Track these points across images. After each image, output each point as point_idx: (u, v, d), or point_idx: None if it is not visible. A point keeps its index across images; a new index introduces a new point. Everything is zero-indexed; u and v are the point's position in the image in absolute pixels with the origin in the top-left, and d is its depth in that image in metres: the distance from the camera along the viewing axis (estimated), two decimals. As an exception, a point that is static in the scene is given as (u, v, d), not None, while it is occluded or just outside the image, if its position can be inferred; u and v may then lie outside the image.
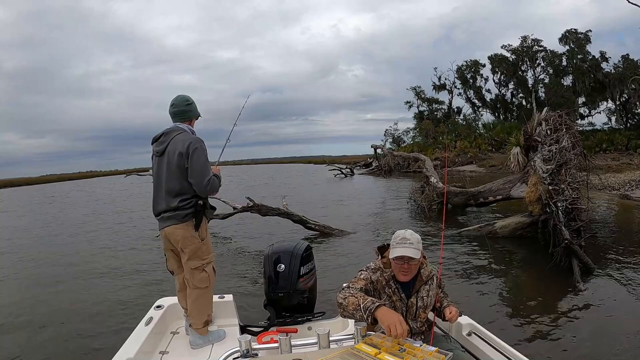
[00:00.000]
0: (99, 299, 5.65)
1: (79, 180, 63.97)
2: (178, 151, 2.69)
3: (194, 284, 2.84)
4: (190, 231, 2.77)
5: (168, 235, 2.80)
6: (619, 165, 22.13)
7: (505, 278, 6.03)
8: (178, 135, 2.77)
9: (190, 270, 2.82)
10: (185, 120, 2.90)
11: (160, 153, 2.79)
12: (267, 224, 10.24)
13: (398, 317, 1.81)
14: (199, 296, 2.87)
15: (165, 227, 2.79)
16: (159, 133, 2.86)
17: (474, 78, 44.24)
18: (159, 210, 2.81)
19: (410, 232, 2.16)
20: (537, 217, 7.45)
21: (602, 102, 35.42)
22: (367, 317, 1.87)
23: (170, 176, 2.74)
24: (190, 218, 2.76)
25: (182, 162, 2.69)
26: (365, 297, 1.95)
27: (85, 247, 9.65)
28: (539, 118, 8.55)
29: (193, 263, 2.81)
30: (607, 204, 12.16)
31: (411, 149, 38.71)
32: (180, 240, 2.77)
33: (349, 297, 1.98)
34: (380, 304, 1.88)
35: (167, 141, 2.77)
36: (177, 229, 2.75)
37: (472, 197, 10.29)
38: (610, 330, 4.01)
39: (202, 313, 2.89)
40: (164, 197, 2.77)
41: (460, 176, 17.45)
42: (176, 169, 2.72)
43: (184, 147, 2.69)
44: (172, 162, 2.72)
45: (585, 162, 8.46)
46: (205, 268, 2.86)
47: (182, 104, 2.89)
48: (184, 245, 2.78)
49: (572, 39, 35.84)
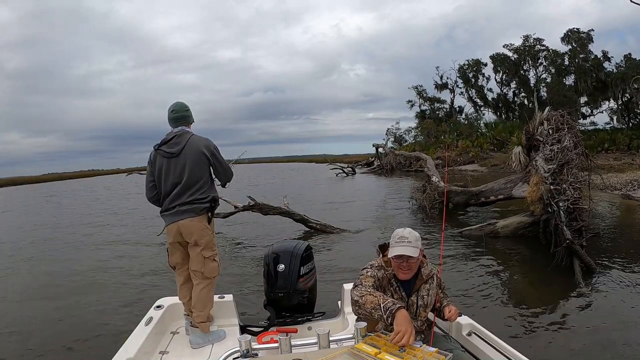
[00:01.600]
0: (99, 298, 5.66)
1: (80, 179, 64.04)
2: (201, 150, 2.96)
3: (204, 275, 2.99)
4: (205, 223, 2.99)
5: (182, 227, 2.94)
6: (621, 165, 22.05)
7: (506, 278, 6.02)
8: (193, 137, 3.01)
9: (203, 260, 2.98)
10: (187, 124, 3.10)
11: (176, 154, 2.96)
12: (268, 223, 10.24)
13: (412, 327, 1.79)
14: (207, 286, 3.01)
15: (179, 220, 2.94)
16: (170, 136, 3.01)
17: (475, 77, 44.13)
18: (174, 205, 2.96)
19: (408, 231, 2.16)
20: (538, 216, 7.43)
21: (604, 101, 35.29)
22: (387, 318, 1.85)
23: (193, 173, 2.94)
24: (206, 212, 2.99)
25: (205, 159, 2.97)
26: (384, 297, 1.94)
27: (84, 246, 9.67)
28: (540, 117, 8.53)
29: (207, 252, 2.99)
30: (609, 204, 12.13)
31: (413, 148, 38.61)
32: (196, 232, 2.95)
33: (366, 295, 1.96)
34: (401, 305, 1.87)
35: (183, 142, 2.96)
36: (193, 221, 2.94)
37: (474, 197, 10.26)
38: (611, 331, 3.99)
39: (206, 305, 3.00)
40: (183, 192, 2.94)
41: (461, 175, 17.43)
42: (198, 166, 2.95)
43: (206, 146, 3.00)
44: (194, 160, 2.94)
45: (587, 161, 8.43)
46: (215, 258, 3.05)
47: (182, 109, 3.08)
48: (200, 236, 2.95)
49: (574, 38, 35.73)
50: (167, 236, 3.07)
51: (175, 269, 3.13)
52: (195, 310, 2.97)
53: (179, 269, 3.11)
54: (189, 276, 3.07)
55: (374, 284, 2.11)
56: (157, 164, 3.02)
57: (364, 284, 2.07)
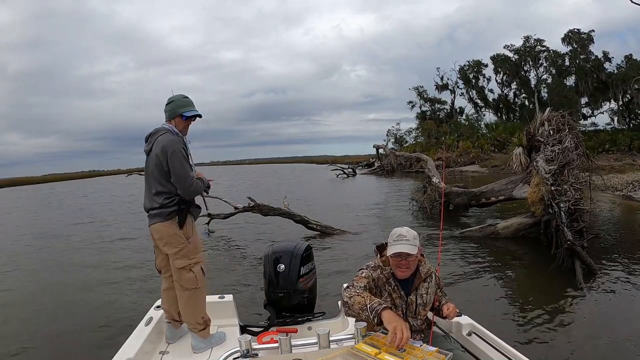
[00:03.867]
0: (98, 298, 5.65)
1: (79, 180, 64.10)
2: (157, 152, 2.73)
3: (181, 285, 2.80)
4: (174, 229, 2.75)
5: (154, 232, 2.82)
6: (622, 165, 22.02)
7: (507, 279, 6.01)
8: (160, 136, 2.78)
9: (177, 270, 2.78)
10: (168, 119, 2.86)
11: (147, 153, 2.84)
12: (268, 224, 10.24)
13: (404, 322, 1.80)
14: (189, 298, 2.82)
15: (151, 225, 2.81)
16: (149, 133, 2.90)
17: (476, 78, 44.12)
18: (147, 208, 2.85)
19: (406, 229, 2.17)
20: (539, 217, 7.42)
21: (605, 102, 35.28)
22: (373, 318, 1.86)
23: (154, 176, 2.78)
24: (174, 216, 2.75)
25: (160, 163, 2.72)
26: (372, 298, 1.94)
27: (84, 246, 9.68)
28: (541, 118, 8.53)
29: (179, 262, 2.76)
30: (609, 204, 12.11)
31: (413, 149, 38.64)
32: (165, 238, 2.76)
33: (354, 297, 1.97)
34: (386, 305, 1.88)
35: (152, 141, 2.81)
36: (161, 227, 2.75)
37: (474, 198, 10.26)
38: (612, 333, 3.98)
39: (194, 315, 2.84)
40: (151, 195, 2.81)
41: (462, 176, 17.41)
42: (156, 169, 2.75)
43: (163, 149, 2.71)
44: (153, 162, 2.76)
45: (588, 162, 8.43)
46: (192, 268, 2.79)
47: (166, 103, 2.87)
48: (169, 243, 2.76)
49: (574, 39, 35.72)
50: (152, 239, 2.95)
51: (161, 272, 3.00)
52: (185, 321, 2.87)
53: (164, 274, 2.97)
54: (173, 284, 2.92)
55: (367, 284, 2.11)
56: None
57: (355, 285, 2.08)
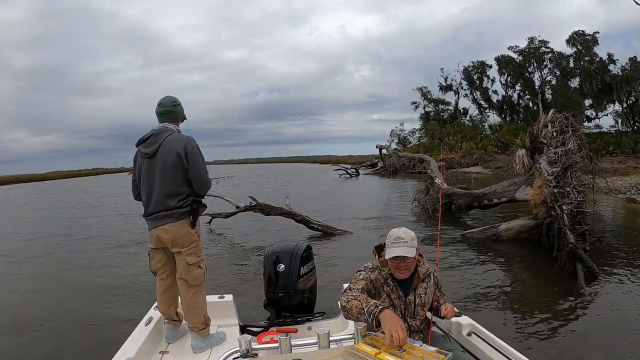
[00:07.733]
0: (98, 298, 5.66)
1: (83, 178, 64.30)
2: (176, 151, 2.68)
3: (189, 282, 2.80)
4: (186, 228, 2.77)
5: (161, 234, 2.77)
6: (626, 168, 21.95)
7: (508, 280, 5.99)
8: (171, 136, 2.74)
9: (187, 267, 2.78)
10: (172, 120, 2.87)
11: (152, 154, 2.74)
12: (269, 224, 10.24)
13: (400, 323, 1.79)
14: (194, 294, 2.84)
15: (159, 226, 2.76)
16: (147, 134, 2.80)
17: (480, 79, 44.06)
18: (153, 211, 2.77)
19: (404, 230, 2.16)
20: (541, 220, 7.39)
21: (609, 104, 35.14)
22: (371, 321, 1.86)
23: (166, 177, 2.71)
24: (187, 216, 2.77)
25: (179, 162, 2.68)
26: (368, 301, 1.94)
27: (83, 246, 9.70)
28: (545, 120, 8.50)
29: (191, 259, 2.79)
30: (613, 207, 12.07)
31: (417, 149, 38.56)
32: (177, 238, 2.75)
33: (352, 300, 1.97)
34: (383, 307, 1.87)
35: (159, 142, 2.72)
36: (173, 227, 2.73)
37: (477, 199, 10.23)
38: (612, 336, 3.97)
39: (198, 313, 2.85)
40: (159, 198, 2.74)
41: (465, 177, 17.38)
42: (173, 169, 2.70)
43: (182, 147, 2.69)
44: (168, 162, 2.69)
45: (591, 164, 8.39)
46: (200, 264, 2.84)
47: (169, 104, 2.86)
48: (182, 242, 2.76)
49: (579, 41, 35.59)
50: (150, 241, 2.91)
51: (156, 274, 2.97)
52: (187, 320, 2.86)
53: (160, 275, 2.94)
54: (170, 285, 2.92)
55: (365, 286, 2.10)
56: (137, 164, 2.86)
57: (352, 288, 2.07)
